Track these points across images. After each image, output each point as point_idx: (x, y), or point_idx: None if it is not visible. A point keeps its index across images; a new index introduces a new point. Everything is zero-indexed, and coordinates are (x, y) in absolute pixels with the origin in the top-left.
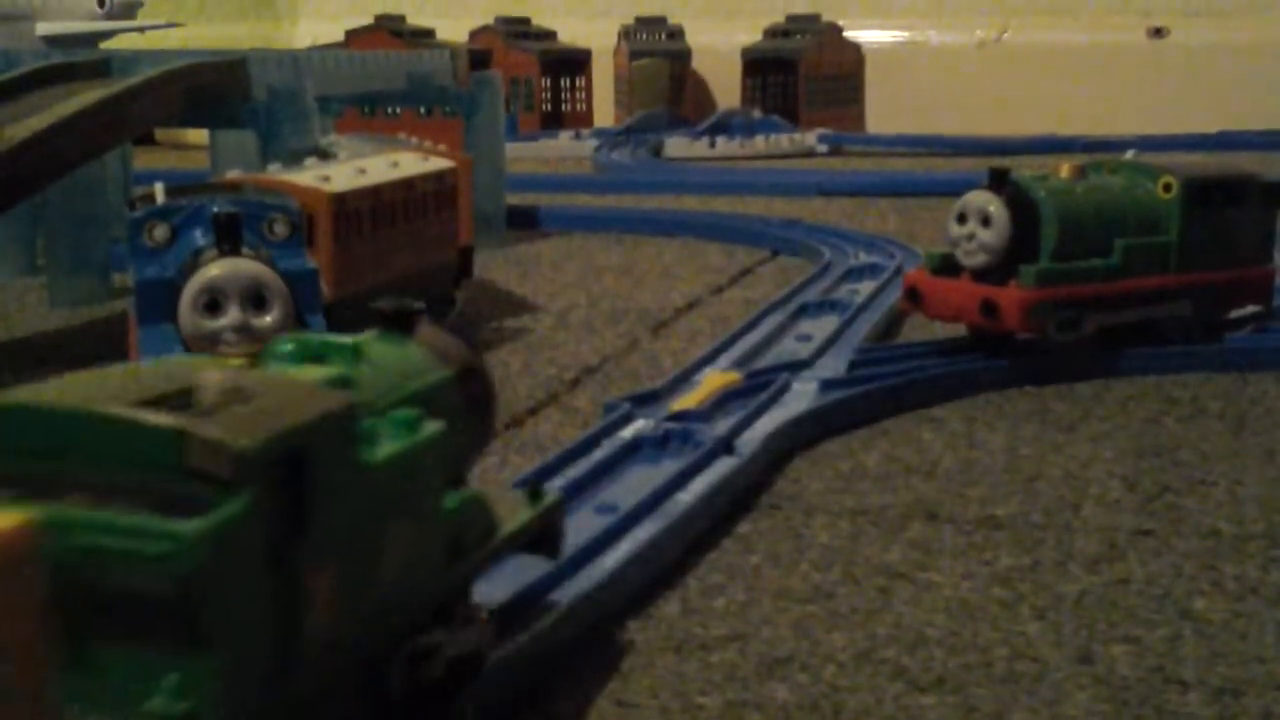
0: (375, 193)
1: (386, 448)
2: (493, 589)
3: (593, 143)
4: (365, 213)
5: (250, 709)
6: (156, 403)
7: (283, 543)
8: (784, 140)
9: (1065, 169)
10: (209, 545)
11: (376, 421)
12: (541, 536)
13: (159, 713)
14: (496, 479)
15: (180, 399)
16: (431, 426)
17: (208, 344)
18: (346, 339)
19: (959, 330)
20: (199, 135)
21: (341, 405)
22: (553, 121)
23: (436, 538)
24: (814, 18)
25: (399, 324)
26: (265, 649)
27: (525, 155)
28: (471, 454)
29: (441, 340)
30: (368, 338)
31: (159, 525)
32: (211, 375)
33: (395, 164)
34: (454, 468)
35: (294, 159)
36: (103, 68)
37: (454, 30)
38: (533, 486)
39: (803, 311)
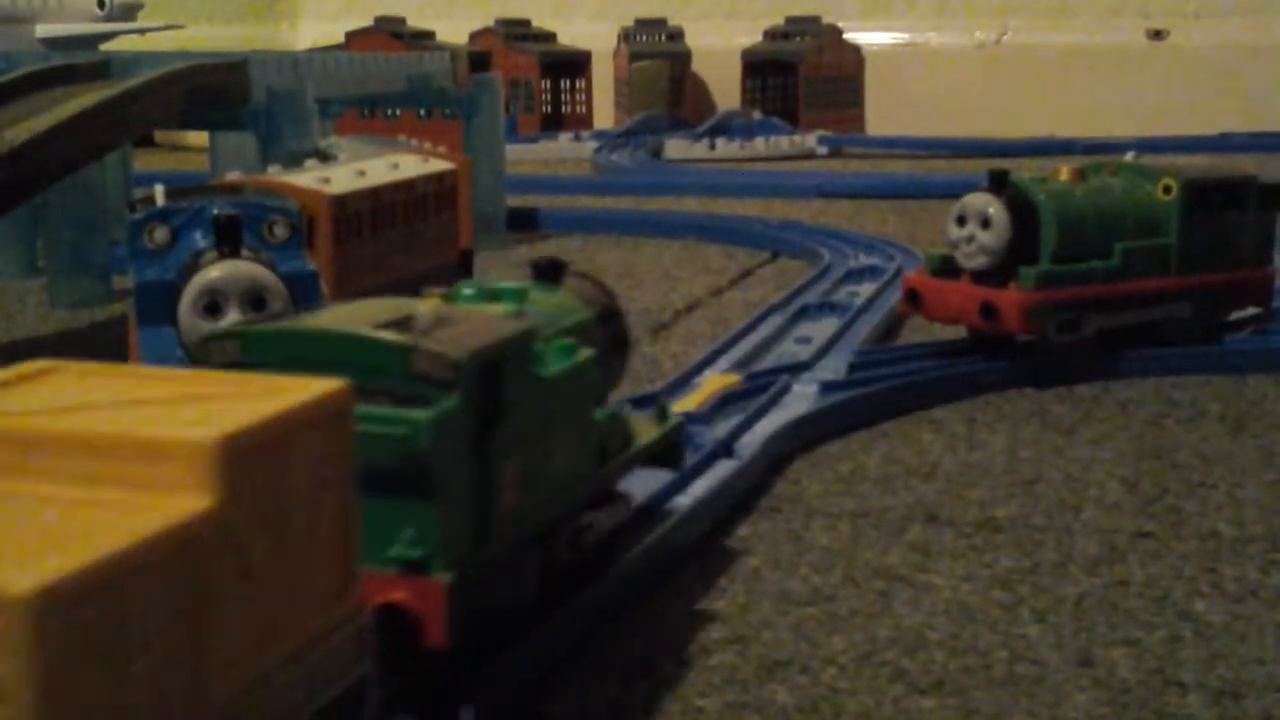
0: (375, 195)
1: (553, 367)
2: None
3: (593, 144)
4: (365, 215)
5: (461, 560)
6: (386, 326)
7: (482, 433)
8: (784, 142)
9: (1065, 171)
10: (434, 429)
11: (543, 347)
12: (666, 451)
13: (399, 557)
14: None
15: (404, 324)
16: (585, 352)
17: None
18: (513, 285)
19: (959, 332)
20: (199, 137)
21: (521, 331)
22: (553, 123)
23: (589, 442)
24: (814, 20)
25: (550, 275)
26: (472, 514)
27: (525, 157)
28: (611, 379)
29: (585, 288)
30: (529, 285)
31: (399, 414)
32: (423, 306)
33: (395, 166)
34: (599, 389)
35: (294, 161)
36: (103, 70)
37: (454, 32)
38: (660, 409)
39: (803, 313)
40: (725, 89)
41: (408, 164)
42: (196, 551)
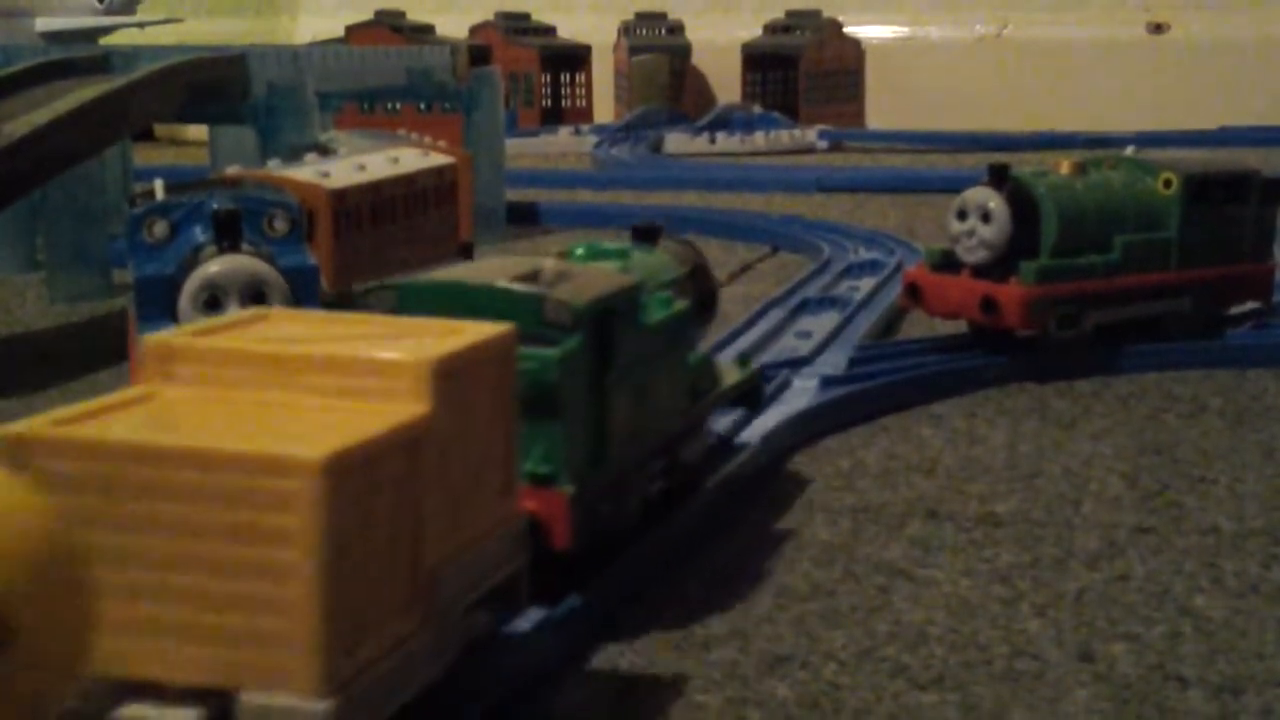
0: (375, 189)
1: (654, 316)
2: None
3: (592, 138)
4: (365, 209)
5: (581, 477)
6: (518, 280)
7: (598, 371)
8: (784, 136)
9: (1065, 165)
10: (561, 365)
11: (646, 298)
12: (748, 393)
13: (531, 472)
14: None
15: (532, 277)
16: (680, 303)
17: None
18: (618, 245)
19: (959, 327)
20: (198, 131)
21: (629, 284)
22: (552, 117)
23: (684, 382)
24: (814, 13)
25: (648, 237)
26: (589, 439)
27: (525, 151)
28: (701, 328)
29: (678, 248)
30: (629, 245)
31: (533, 352)
32: (547, 263)
33: (395, 160)
34: (691, 336)
35: (294, 155)
36: (102, 63)
37: (454, 26)
38: (742, 356)
39: (803, 308)
40: (725, 83)
41: (407, 158)
42: (417, 445)
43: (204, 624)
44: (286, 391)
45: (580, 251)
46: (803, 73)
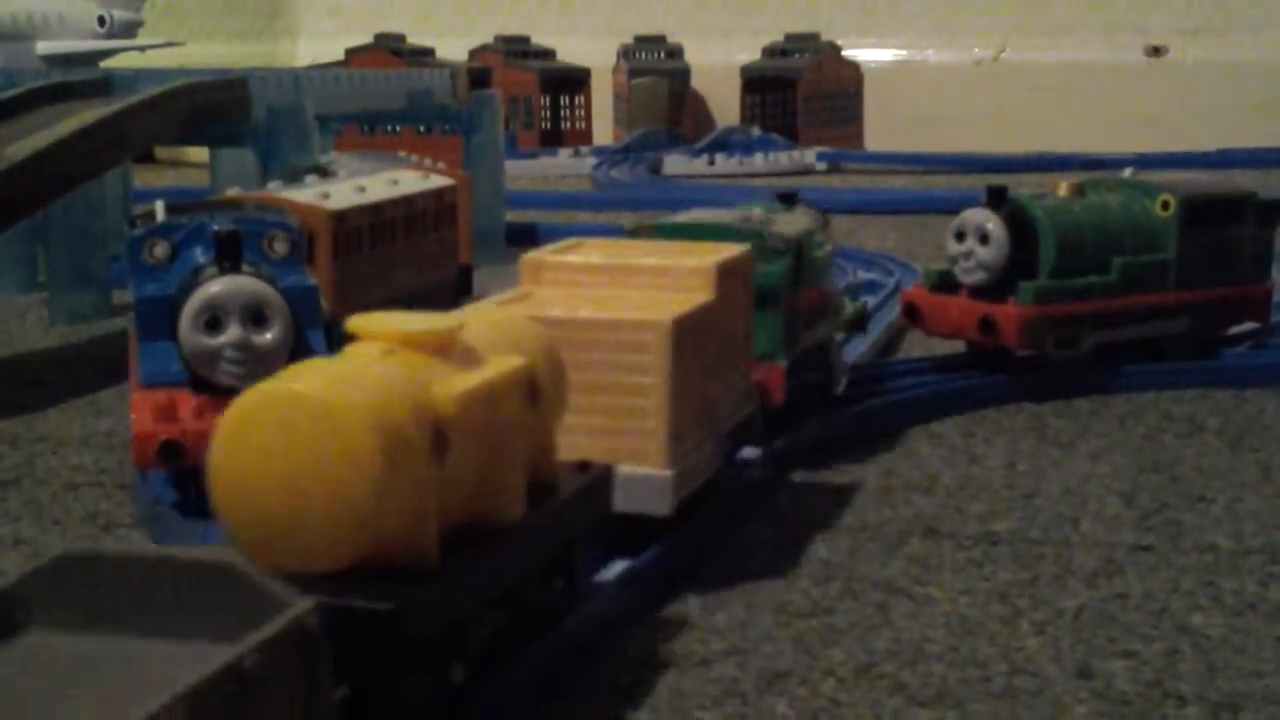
0: (375, 210)
1: (819, 252)
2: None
3: (592, 160)
4: (365, 230)
5: (786, 360)
6: (740, 220)
7: (793, 285)
8: (783, 158)
9: (1063, 187)
10: (781, 275)
11: (812, 239)
12: (858, 320)
13: (760, 351)
14: None
15: (747, 219)
16: (829, 245)
17: (208, 361)
18: (780, 207)
19: (957, 347)
20: (199, 153)
21: (807, 227)
22: (552, 139)
23: (832, 300)
24: (813, 36)
25: (789, 200)
26: (791, 329)
27: (525, 173)
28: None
29: (811, 210)
30: (783, 206)
31: (763, 265)
32: (754, 211)
33: (395, 182)
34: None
35: (294, 177)
36: (103, 87)
37: (453, 49)
38: (850, 289)
39: None
40: (724, 105)
41: (407, 180)
42: (707, 318)
43: (601, 424)
44: (623, 288)
45: (758, 210)
46: (801, 95)
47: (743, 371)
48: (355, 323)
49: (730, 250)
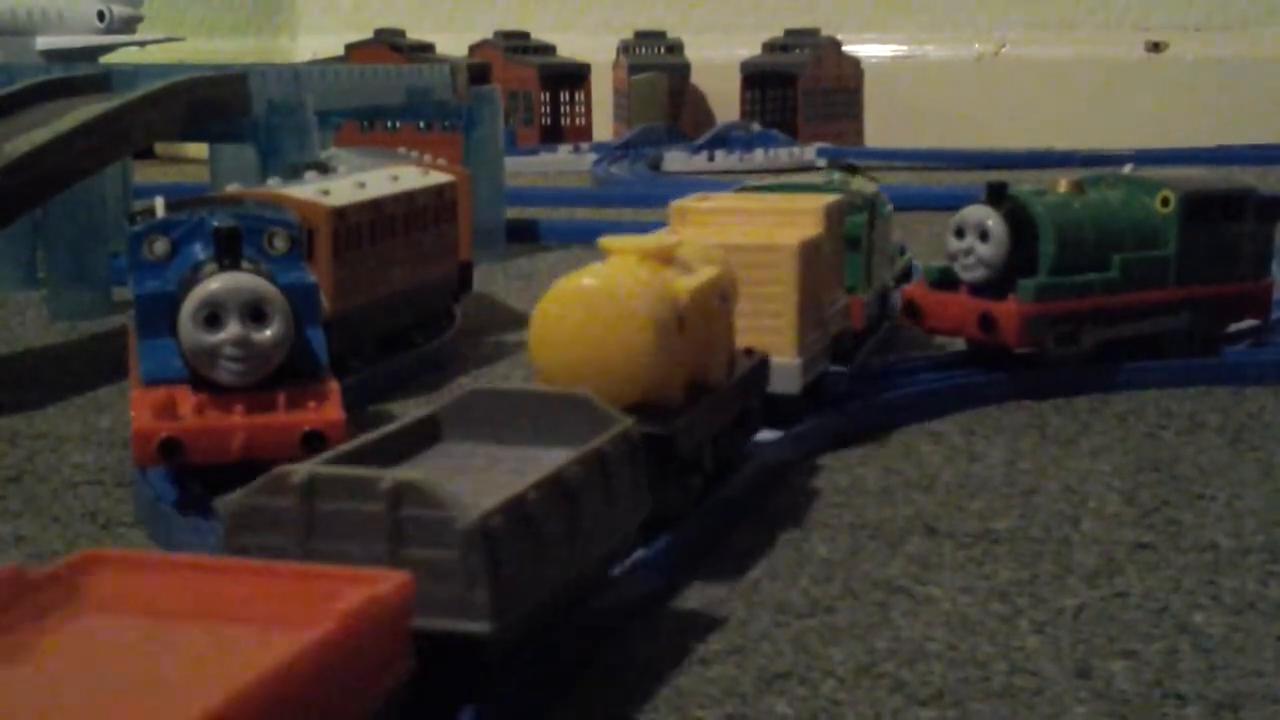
0: (375, 206)
1: (884, 210)
2: None
3: (592, 156)
4: (365, 226)
5: (865, 294)
6: (826, 183)
7: (870, 233)
8: (783, 154)
9: (1063, 183)
10: (860, 224)
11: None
12: (905, 275)
13: (847, 285)
14: None
15: (832, 183)
16: (889, 206)
17: (207, 358)
18: (845, 175)
19: (957, 344)
20: (199, 149)
21: (874, 190)
22: (552, 135)
23: (892, 260)
24: (813, 32)
25: (850, 169)
26: (869, 267)
27: (524, 169)
28: None
29: (868, 177)
30: (846, 173)
31: (849, 215)
32: (835, 176)
33: (395, 178)
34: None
35: (293, 173)
36: (103, 82)
37: (453, 44)
38: (900, 248)
39: None
40: (724, 101)
41: (407, 176)
42: (818, 245)
43: (749, 324)
44: (755, 225)
45: (836, 175)
46: (801, 91)
47: (840, 295)
48: (608, 241)
49: (831, 198)
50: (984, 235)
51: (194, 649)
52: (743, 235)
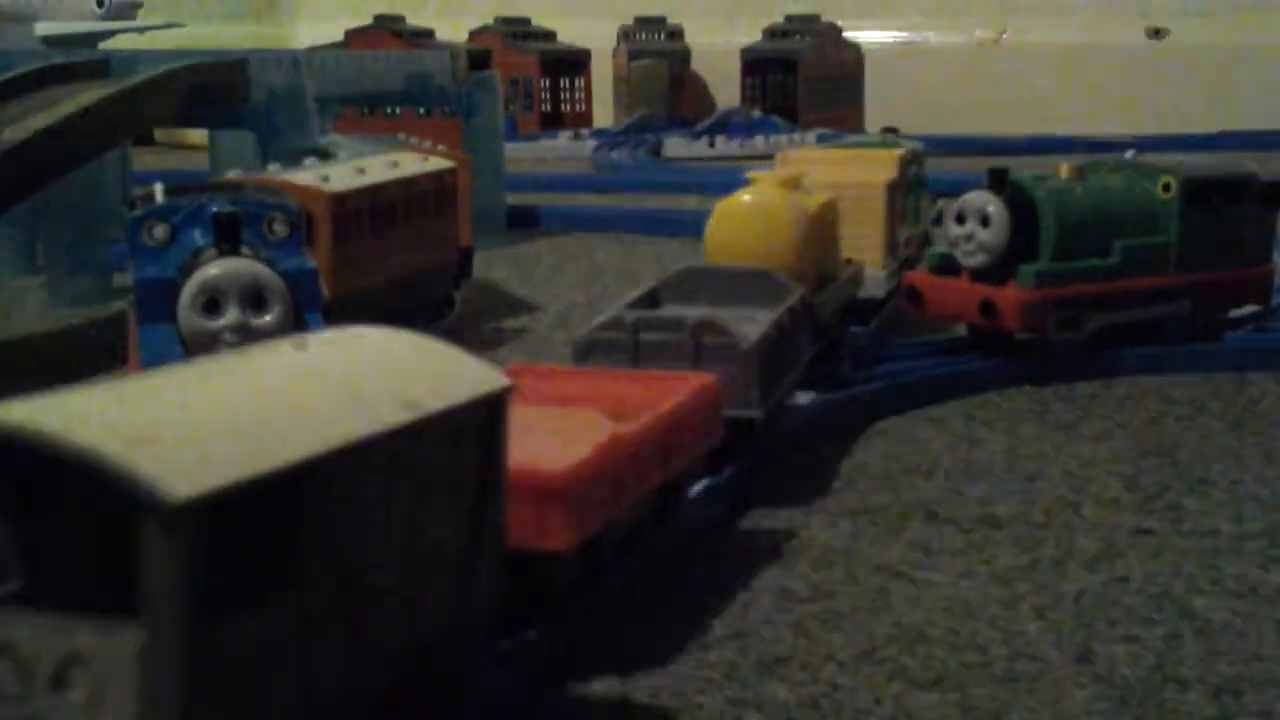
0: (375, 192)
1: (925, 164)
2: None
3: (592, 143)
4: (365, 212)
5: (916, 232)
6: (882, 143)
7: (919, 184)
8: (783, 140)
9: (1064, 169)
10: (892, 183)
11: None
12: (939, 218)
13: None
14: None
15: (887, 143)
16: (926, 160)
17: (207, 343)
18: (887, 137)
19: (958, 330)
20: (198, 135)
21: (919, 147)
22: (552, 122)
23: (927, 204)
24: (813, 18)
25: (891, 131)
26: (919, 215)
27: (525, 155)
28: None
29: (907, 139)
30: (892, 134)
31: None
32: (887, 136)
33: (395, 164)
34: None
35: (293, 159)
36: (102, 68)
37: (453, 31)
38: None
39: None
40: (725, 87)
41: (407, 162)
42: (897, 184)
43: (849, 245)
44: (845, 169)
45: (888, 136)
46: (802, 77)
47: (904, 229)
48: (756, 174)
49: (900, 150)
50: (985, 221)
51: (598, 416)
52: (841, 176)
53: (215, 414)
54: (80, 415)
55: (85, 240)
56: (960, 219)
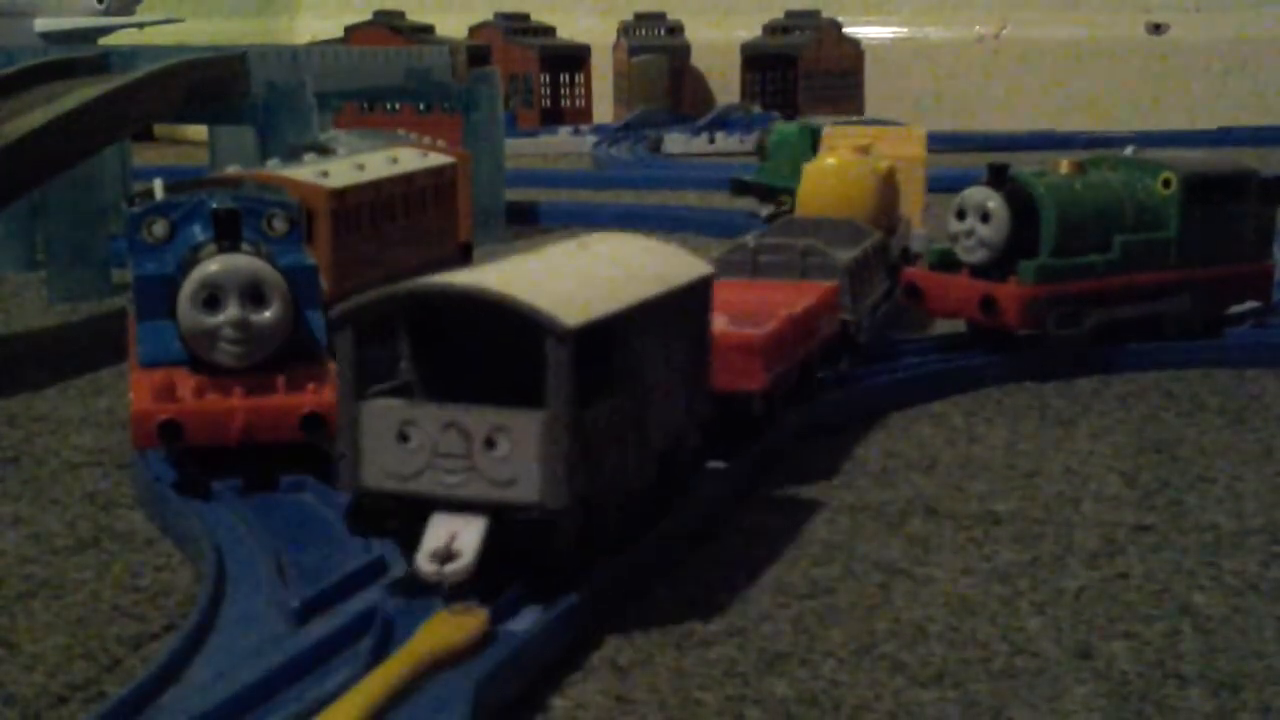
0: (374, 188)
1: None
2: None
3: (592, 139)
4: (364, 208)
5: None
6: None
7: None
8: None
9: (1065, 165)
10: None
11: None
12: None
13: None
14: None
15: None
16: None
17: (206, 340)
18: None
19: (958, 326)
20: (198, 131)
21: (921, 134)
22: (552, 117)
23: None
24: (813, 14)
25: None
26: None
27: (524, 151)
28: None
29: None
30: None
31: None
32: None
33: (394, 160)
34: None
35: (293, 154)
36: (101, 64)
37: (453, 26)
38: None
39: None
40: (725, 83)
41: (407, 158)
42: (924, 160)
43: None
44: (888, 144)
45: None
46: (802, 73)
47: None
48: (832, 139)
49: (917, 130)
50: (985, 217)
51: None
52: (888, 150)
53: (566, 281)
54: (502, 281)
55: (85, 236)
56: (960, 215)
